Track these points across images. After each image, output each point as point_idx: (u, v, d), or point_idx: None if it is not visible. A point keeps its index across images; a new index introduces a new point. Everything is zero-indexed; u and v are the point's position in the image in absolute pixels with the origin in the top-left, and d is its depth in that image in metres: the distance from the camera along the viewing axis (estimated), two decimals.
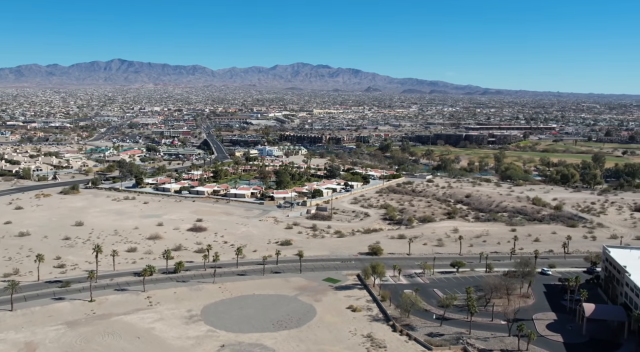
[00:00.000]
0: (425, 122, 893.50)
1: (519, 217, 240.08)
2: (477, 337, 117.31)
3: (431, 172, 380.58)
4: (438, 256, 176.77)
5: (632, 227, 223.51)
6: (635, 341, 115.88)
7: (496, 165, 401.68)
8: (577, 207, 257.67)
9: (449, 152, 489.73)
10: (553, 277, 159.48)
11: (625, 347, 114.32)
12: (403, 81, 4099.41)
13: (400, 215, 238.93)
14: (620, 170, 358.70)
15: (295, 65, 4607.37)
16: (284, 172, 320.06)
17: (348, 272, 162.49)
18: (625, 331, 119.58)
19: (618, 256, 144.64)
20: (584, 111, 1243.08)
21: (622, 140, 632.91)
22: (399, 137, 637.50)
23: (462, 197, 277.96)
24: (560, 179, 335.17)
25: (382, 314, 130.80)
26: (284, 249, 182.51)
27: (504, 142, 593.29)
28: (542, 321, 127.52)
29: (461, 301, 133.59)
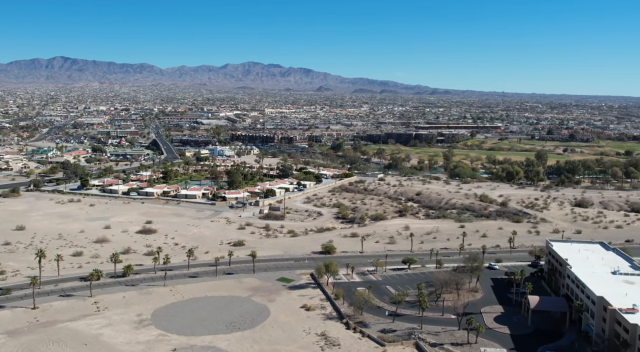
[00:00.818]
0: (376, 122, 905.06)
1: (467, 213, 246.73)
2: (429, 332, 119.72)
3: (382, 170, 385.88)
4: (390, 253, 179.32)
5: (572, 221, 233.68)
6: (576, 330, 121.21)
7: (445, 164, 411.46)
8: (522, 203, 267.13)
9: (399, 151, 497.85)
10: (500, 271, 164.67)
11: (567, 336, 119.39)
12: (354, 81, 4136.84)
13: (353, 213, 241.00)
14: (561, 168, 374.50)
15: (246, 64, 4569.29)
16: (236, 172, 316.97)
17: (302, 272, 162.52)
18: (567, 321, 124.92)
19: (560, 249, 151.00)
20: (528, 111, 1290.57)
21: (562, 139, 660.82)
22: (350, 136, 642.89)
23: (413, 195, 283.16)
24: (505, 176, 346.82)
25: (336, 312, 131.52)
26: (236, 249, 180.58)
27: (452, 141, 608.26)
28: (490, 314, 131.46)
29: (413, 297, 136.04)
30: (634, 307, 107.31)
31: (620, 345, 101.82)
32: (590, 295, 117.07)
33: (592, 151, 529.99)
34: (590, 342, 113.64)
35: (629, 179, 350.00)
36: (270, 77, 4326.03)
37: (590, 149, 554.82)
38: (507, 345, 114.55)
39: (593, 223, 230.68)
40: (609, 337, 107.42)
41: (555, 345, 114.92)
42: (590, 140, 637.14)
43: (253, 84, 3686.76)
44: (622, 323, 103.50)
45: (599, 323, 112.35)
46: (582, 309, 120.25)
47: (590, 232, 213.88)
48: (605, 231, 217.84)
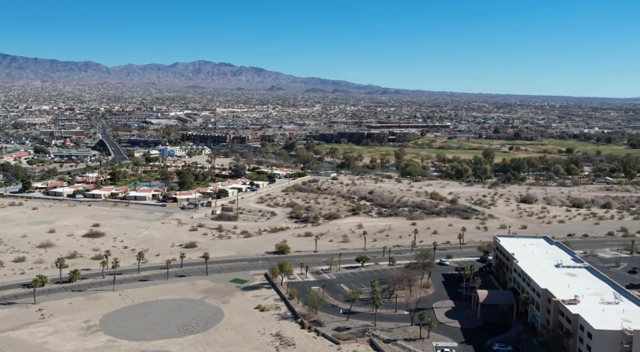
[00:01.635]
0: (329, 121, 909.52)
1: (419, 211, 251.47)
2: (382, 329, 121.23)
3: (335, 170, 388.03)
4: (344, 251, 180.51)
5: (518, 217, 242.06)
6: (523, 322, 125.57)
7: (397, 162, 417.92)
8: (471, 200, 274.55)
9: (352, 150, 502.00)
10: (450, 267, 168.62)
11: (514, 328, 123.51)
12: (306, 80, 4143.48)
13: (307, 213, 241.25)
14: (507, 165, 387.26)
15: (196, 63, 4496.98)
16: (187, 173, 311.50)
17: (256, 272, 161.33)
18: (514, 313, 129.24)
19: (507, 244, 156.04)
20: (475, 110, 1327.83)
21: (508, 137, 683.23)
22: (303, 135, 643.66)
23: (366, 193, 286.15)
24: (455, 174, 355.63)
25: (291, 312, 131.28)
26: (188, 251, 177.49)
27: (403, 140, 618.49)
28: (441, 309, 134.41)
29: (367, 295, 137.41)
30: (576, 298, 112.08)
31: (564, 335, 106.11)
32: (536, 288, 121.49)
33: (536, 149, 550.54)
34: (536, 333, 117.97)
35: (570, 175, 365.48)
36: (221, 76, 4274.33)
37: (534, 147, 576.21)
38: (458, 339, 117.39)
39: (537, 218, 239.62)
40: (553, 327, 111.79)
41: (503, 337, 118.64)
42: (534, 139, 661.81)
43: (204, 83, 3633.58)
44: (565, 314, 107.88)
45: (543, 314, 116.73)
46: (528, 301, 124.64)
47: (535, 227, 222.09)
48: (548, 225, 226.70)
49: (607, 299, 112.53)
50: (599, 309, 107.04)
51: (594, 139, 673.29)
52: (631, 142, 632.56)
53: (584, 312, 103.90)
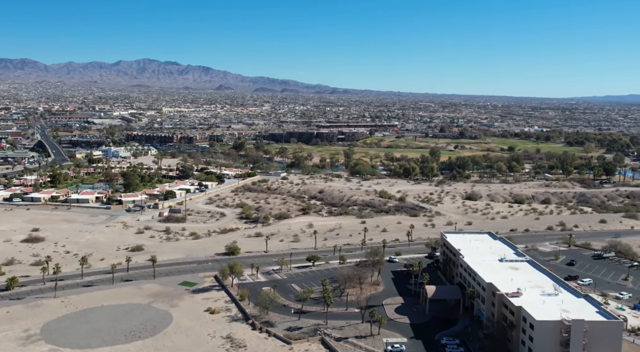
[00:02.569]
0: (278, 121, 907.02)
1: (368, 209, 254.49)
2: (334, 327, 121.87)
3: (285, 169, 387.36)
4: (294, 251, 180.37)
5: (464, 214, 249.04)
6: (469, 316, 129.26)
7: (346, 162, 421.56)
8: (418, 198, 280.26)
9: (301, 150, 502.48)
10: (399, 264, 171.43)
11: (461, 322, 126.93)
12: (255, 80, 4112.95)
13: (257, 213, 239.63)
14: (453, 163, 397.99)
15: (141, 61, 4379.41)
16: (133, 174, 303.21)
17: (205, 274, 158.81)
18: (461, 308, 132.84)
19: (453, 240, 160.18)
20: (422, 110, 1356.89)
21: (453, 136, 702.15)
22: (252, 135, 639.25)
23: (316, 193, 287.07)
24: (403, 172, 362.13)
25: (242, 314, 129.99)
26: (135, 255, 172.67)
27: (352, 139, 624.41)
28: (391, 305, 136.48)
29: (318, 294, 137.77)
30: (519, 291, 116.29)
31: (508, 326, 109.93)
32: (481, 282, 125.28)
33: (480, 147, 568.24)
34: (482, 325, 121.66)
35: (512, 173, 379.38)
36: (167, 75, 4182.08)
37: (478, 145, 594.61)
38: (408, 334, 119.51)
39: (482, 215, 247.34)
40: (498, 320, 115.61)
41: (450, 331, 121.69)
42: (478, 138, 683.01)
43: (149, 82, 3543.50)
44: (508, 306, 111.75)
45: (489, 308, 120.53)
46: (474, 295, 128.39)
47: (480, 223, 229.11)
48: (492, 221, 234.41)
49: (547, 291, 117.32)
50: (540, 301, 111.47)
51: (533, 138, 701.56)
52: (568, 140, 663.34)
53: (526, 304, 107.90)
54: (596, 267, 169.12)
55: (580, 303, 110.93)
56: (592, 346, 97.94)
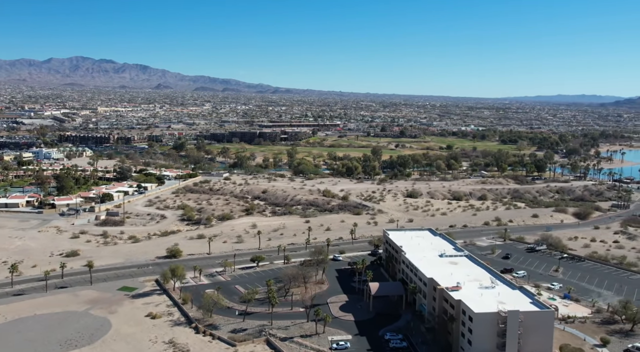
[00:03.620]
0: (219, 120, 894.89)
1: (312, 208, 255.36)
2: (279, 327, 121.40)
3: (228, 169, 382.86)
4: (238, 252, 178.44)
5: (405, 211, 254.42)
6: (412, 311, 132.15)
7: (289, 161, 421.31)
8: (361, 196, 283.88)
9: (244, 150, 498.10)
10: (343, 262, 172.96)
11: (404, 317, 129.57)
12: (195, 79, 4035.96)
13: (199, 214, 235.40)
14: (394, 162, 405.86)
15: (74, 59, 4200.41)
16: (67, 177, 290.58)
17: (146, 279, 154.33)
18: (404, 303, 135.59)
19: (395, 237, 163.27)
20: (363, 109, 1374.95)
21: (394, 135, 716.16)
22: (193, 135, 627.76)
23: (259, 193, 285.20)
24: (345, 171, 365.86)
25: (184, 317, 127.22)
26: (70, 260, 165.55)
27: (295, 139, 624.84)
28: (335, 303, 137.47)
29: (262, 294, 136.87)
30: (458, 285, 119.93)
31: (448, 320, 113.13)
32: (422, 277, 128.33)
33: (420, 146, 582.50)
34: (424, 320, 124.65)
35: (451, 170, 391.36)
36: (102, 73, 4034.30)
37: (418, 144, 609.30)
38: (352, 331, 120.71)
39: (422, 212, 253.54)
40: (439, 313, 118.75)
41: (394, 326, 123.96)
42: (418, 136, 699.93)
43: (83, 81, 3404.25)
44: (448, 300, 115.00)
45: (430, 302, 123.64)
46: (416, 291, 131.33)
47: (420, 220, 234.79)
48: (432, 218, 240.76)
49: (484, 284, 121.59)
50: (478, 294, 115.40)
51: (470, 136, 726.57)
52: (502, 138, 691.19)
53: (465, 297, 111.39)
54: (529, 259, 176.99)
55: (515, 295, 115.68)
56: (527, 335, 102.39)
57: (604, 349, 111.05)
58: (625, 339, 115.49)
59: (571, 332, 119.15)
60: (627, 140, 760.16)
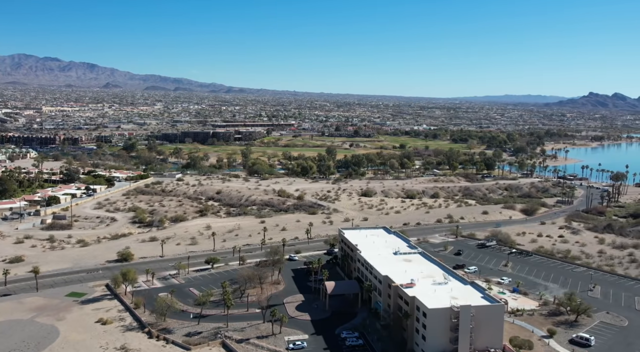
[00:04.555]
0: (171, 120, 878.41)
1: (267, 209, 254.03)
2: (235, 329, 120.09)
3: (181, 170, 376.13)
4: (192, 254, 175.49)
5: (360, 210, 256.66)
6: (367, 308, 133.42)
7: (244, 161, 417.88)
8: (316, 195, 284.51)
9: (197, 150, 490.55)
10: (299, 262, 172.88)
11: (360, 315, 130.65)
12: (145, 78, 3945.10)
13: (151, 217, 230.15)
14: (349, 161, 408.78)
15: (16, 57, 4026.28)
16: (9, 179, 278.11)
17: (95, 283, 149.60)
18: (359, 301, 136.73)
19: (350, 236, 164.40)
20: (317, 109, 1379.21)
21: (348, 134, 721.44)
22: (144, 135, 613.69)
23: (213, 193, 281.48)
24: (301, 171, 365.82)
25: (137, 322, 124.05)
26: (14, 266, 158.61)
27: (249, 139, 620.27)
28: (292, 303, 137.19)
29: (218, 296, 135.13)
30: (412, 281, 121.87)
31: (403, 316, 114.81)
32: (377, 275, 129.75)
33: (374, 145, 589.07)
34: (379, 317, 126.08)
35: (404, 169, 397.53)
36: (47, 71, 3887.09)
37: (372, 143, 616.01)
38: (309, 330, 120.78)
39: (377, 210, 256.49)
40: (394, 310, 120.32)
41: (350, 324, 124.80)
42: (372, 136, 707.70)
43: (26, 79, 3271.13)
44: (403, 297, 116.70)
45: (385, 299, 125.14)
46: (371, 288, 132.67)
47: (375, 218, 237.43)
48: (387, 216, 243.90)
49: (438, 280, 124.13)
50: (432, 290, 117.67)
51: (422, 135, 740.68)
52: (453, 137, 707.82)
53: (419, 294, 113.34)
54: (480, 255, 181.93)
55: (467, 290, 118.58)
56: (478, 328, 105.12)
57: (551, 340, 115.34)
58: (570, 330, 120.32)
59: (520, 324, 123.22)
60: (570, 138, 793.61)
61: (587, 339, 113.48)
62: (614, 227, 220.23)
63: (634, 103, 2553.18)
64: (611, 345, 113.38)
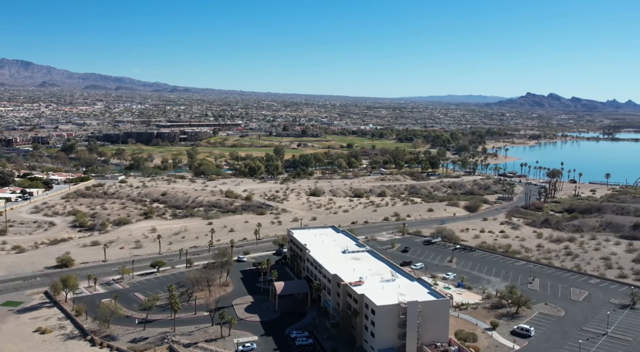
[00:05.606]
0: (113, 120, 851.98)
1: (215, 210, 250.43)
2: (182, 333, 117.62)
3: (124, 172, 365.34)
4: (137, 258, 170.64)
5: (308, 209, 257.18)
6: (317, 307, 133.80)
7: (190, 162, 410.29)
8: (265, 196, 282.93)
9: (141, 151, 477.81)
10: (248, 263, 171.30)
11: (309, 314, 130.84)
12: (85, 76, 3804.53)
13: (93, 220, 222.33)
14: (297, 161, 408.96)
15: None
16: None
17: (33, 291, 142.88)
18: (309, 301, 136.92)
19: (299, 236, 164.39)
20: (265, 108, 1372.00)
21: (296, 134, 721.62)
22: (84, 136, 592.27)
23: (158, 195, 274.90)
24: (248, 171, 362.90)
25: (79, 330, 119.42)
26: None
27: (195, 139, 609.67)
28: (241, 305, 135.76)
29: (164, 300, 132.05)
30: (361, 279, 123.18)
31: (352, 314, 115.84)
32: (326, 274, 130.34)
33: (322, 145, 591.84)
34: (329, 316, 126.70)
35: (352, 168, 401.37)
36: None
37: (320, 143, 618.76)
38: (258, 332, 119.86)
39: (325, 209, 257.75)
40: (343, 309, 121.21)
41: (300, 324, 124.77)
42: (319, 135, 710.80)
43: None
44: (352, 295, 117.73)
45: (334, 298, 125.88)
46: (320, 287, 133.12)
47: (324, 217, 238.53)
48: (335, 215, 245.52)
49: (385, 278, 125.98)
50: (380, 287, 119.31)
51: (369, 135, 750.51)
52: (399, 136, 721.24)
53: (367, 291, 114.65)
54: (426, 252, 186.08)
55: (414, 286, 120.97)
56: (425, 323, 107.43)
57: (494, 332, 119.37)
58: (511, 321, 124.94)
59: (465, 318, 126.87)
60: (509, 137, 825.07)
61: (527, 330, 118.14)
62: (551, 222, 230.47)
63: (567, 103, 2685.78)
64: (549, 335, 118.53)
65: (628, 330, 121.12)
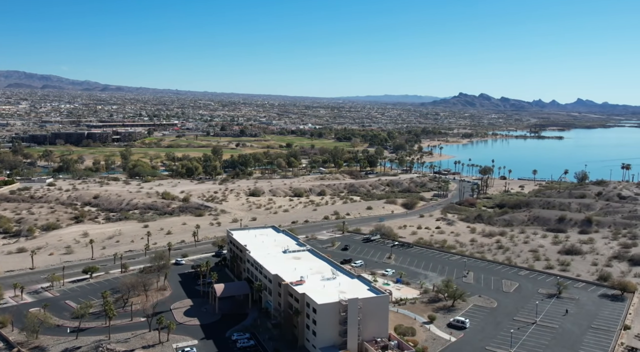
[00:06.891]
0: (40, 121, 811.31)
1: (151, 212, 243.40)
2: (118, 341, 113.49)
3: (52, 174, 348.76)
4: (68, 264, 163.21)
5: (248, 210, 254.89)
6: (258, 308, 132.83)
7: (123, 163, 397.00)
8: (203, 197, 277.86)
9: (70, 152, 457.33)
10: (187, 265, 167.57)
11: (251, 315, 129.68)
12: (7, 74, 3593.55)
13: (18, 226, 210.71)
14: (236, 161, 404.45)
15: None
16: None
17: None
18: (250, 302, 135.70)
19: (239, 236, 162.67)
20: (202, 108, 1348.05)
21: (234, 134, 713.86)
22: (8, 137, 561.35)
23: (90, 198, 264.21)
24: (186, 172, 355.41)
25: (4, 343, 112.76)
26: None
27: (129, 140, 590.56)
28: (180, 309, 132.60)
29: (98, 307, 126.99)
30: (302, 278, 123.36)
31: (294, 313, 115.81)
32: (267, 274, 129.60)
33: (260, 145, 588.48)
34: (270, 316, 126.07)
35: (291, 168, 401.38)
36: None
37: (259, 143, 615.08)
38: (198, 336, 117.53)
39: (265, 209, 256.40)
40: (284, 308, 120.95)
41: (241, 326, 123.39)
42: (258, 135, 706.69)
43: None
44: (293, 294, 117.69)
45: (275, 298, 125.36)
46: (261, 288, 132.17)
47: (264, 218, 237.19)
48: (275, 215, 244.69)
49: (326, 276, 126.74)
50: (321, 286, 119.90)
51: (308, 134, 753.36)
52: (337, 136, 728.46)
53: (309, 290, 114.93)
54: (366, 249, 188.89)
55: (354, 283, 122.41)
56: (366, 320, 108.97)
57: (431, 325, 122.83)
58: (448, 314, 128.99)
59: (404, 313, 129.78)
60: (444, 136, 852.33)
61: (463, 322, 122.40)
62: (483, 217, 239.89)
63: (497, 103, 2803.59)
64: (483, 326, 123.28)
65: (555, 318, 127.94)
